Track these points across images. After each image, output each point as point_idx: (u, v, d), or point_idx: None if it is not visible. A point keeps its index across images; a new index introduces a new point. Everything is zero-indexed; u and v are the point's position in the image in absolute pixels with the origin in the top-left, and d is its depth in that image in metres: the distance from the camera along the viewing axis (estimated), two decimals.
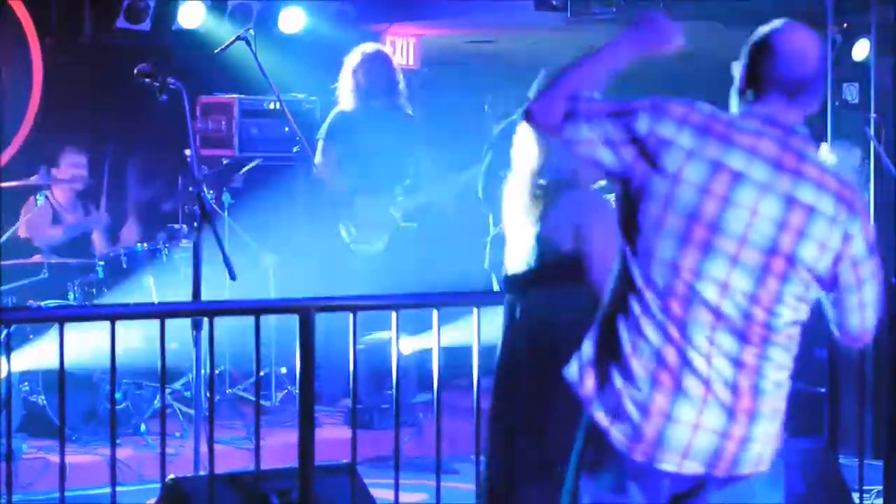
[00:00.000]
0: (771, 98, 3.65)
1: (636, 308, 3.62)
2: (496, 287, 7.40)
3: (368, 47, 8.92)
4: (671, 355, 3.60)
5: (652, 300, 3.60)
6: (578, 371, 3.69)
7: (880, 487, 6.47)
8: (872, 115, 8.55)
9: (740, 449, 3.64)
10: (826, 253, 3.60)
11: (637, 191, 3.61)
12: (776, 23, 3.70)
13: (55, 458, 6.58)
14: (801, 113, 3.68)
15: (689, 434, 3.60)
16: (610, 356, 3.65)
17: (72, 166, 8.71)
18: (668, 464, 3.61)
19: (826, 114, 8.79)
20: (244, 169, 8.81)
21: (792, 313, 3.63)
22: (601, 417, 3.64)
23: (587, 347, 3.70)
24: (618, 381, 3.63)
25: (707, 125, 3.61)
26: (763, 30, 3.70)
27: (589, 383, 3.67)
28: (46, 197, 8.50)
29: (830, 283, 3.65)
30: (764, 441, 3.68)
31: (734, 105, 3.74)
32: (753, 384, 3.63)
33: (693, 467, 3.62)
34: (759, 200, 3.56)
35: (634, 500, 3.67)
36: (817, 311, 3.76)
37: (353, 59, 8.79)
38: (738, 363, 3.61)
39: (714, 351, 3.59)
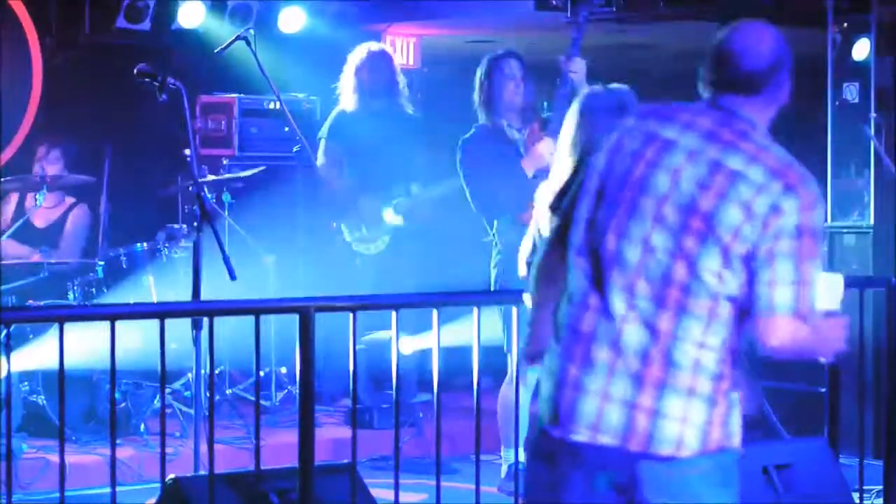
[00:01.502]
0: (726, 96, 3.72)
1: (567, 281, 3.70)
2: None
3: (371, 46, 8.91)
4: (588, 322, 3.64)
5: (579, 269, 3.69)
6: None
7: (880, 487, 6.47)
8: (872, 115, 8.55)
9: (651, 423, 3.57)
10: (750, 219, 3.55)
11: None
12: (733, 24, 3.77)
13: (55, 458, 6.57)
14: (764, 107, 3.74)
15: (598, 404, 3.60)
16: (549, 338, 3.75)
17: (50, 163, 8.69)
18: (582, 435, 3.61)
19: (826, 114, 8.79)
20: (245, 173, 8.79)
21: (714, 281, 3.57)
22: (531, 397, 3.75)
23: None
24: (545, 358, 3.72)
25: (653, 109, 3.78)
26: (719, 32, 3.78)
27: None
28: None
29: (749, 256, 3.56)
30: (681, 421, 3.58)
31: None
32: (665, 354, 3.58)
33: (606, 440, 3.60)
34: (685, 163, 3.62)
35: (564, 479, 3.67)
36: None
37: (355, 58, 8.79)
38: (652, 329, 3.59)
39: (631, 316, 3.60)
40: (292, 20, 9.88)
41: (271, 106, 9.38)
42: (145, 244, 8.43)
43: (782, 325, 3.57)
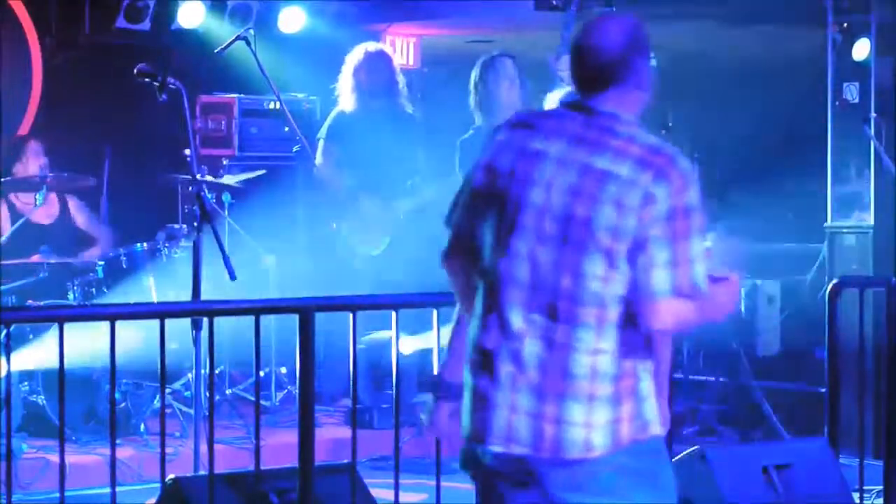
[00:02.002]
0: (587, 95, 3.76)
1: (476, 303, 3.79)
2: None
3: (370, 47, 8.92)
4: (491, 339, 3.72)
5: (482, 286, 3.77)
6: None
7: (880, 487, 6.47)
8: (872, 114, 8.55)
9: (557, 431, 3.64)
10: (625, 215, 3.59)
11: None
12: (589, 20, 3.83)
13: (55, 458, 6.57)
14: (625, 98, 3.74)
15: (507, 416, 3.68)
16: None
17: (36, 156, 8.68)
18: (497, 446, 3.70)
19: (826, 114, 8.80)
20: (243, 176, 8.79)
21: (600, 286, 3.61)
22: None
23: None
24: (464, 376, 3.81)
25: (521, 119, 3.83)
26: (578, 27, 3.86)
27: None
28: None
29: (633, 248, 3.60)
30: (585, 426, 3.63)
31: None
32: (562, 365, 3.64)
33: (518, 450, 3.68)
34: (555, 173, 3.67)
35: (490, 489, 3.80)
36: (816, 314, 3.75)
37: (354, 58, 8.79)
38: (549, 342, 3.65)
39: (528, 331, 3.66)
40: (292, 20, 9.88)
41: (271, 106, 9.38)
42: (145, 244, 8.43)
43: (663, 307, 3.62)
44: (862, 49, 8.69)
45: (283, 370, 8.93)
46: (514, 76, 7.51)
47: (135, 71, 6.84)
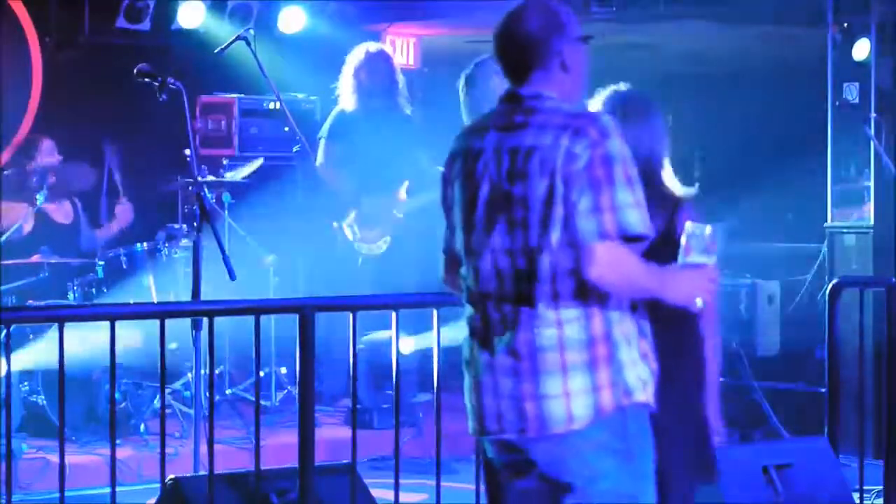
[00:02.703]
0: (513, 84, 3.90)
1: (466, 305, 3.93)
2: None
3: (370, 47, 8.91)
4: (474, 334, 3.85)
5: (467, 290, 3.90)
6: None
7: (880, 487, 6.47)
8: (873, 114, 8.55)
9: (538, 407, 3.73)
10: (554, 180, 3.68)
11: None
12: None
13: (55, 458, 6.57)
14: (550, 79, 3.83)
15: (494, 402, 3.80)
16: None
17: (47, 153, 8.69)
18: (491, 433, 3.82)
19: (826, 114, 8.79)
20: (246, 172, 8.78)
21: (548, 258, 3.69)
22: None
23: None
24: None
25: (470, 125, 4.04)
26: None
27: None
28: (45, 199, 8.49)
29: (567, 208, 3.68)
30: (564, 396, 3.71)
31: None
32: (529, 343, 3.73)
33: (509, 434, 3.79)
34: (493, 165, 3.79)
35: (492, 474, 3.92)
36: (815, 314, 3.78)
37: (354, 58, 8.79)
38: (514, 325, 3.75)
39: (499, 319, 3.78)
40: (292, 20, 9.87)
41: (271, 106, 9.38)
42: (145, 244, 8.43)
43: (594, 253, 3.66)
44: (862, 49, 8.69)
45: (283, 370, 8.93)
46: (500, 71, 7.52)
47: (135, 71, 6.84)
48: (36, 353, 7.48)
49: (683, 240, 3.86)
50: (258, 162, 8.72)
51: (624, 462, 3.77)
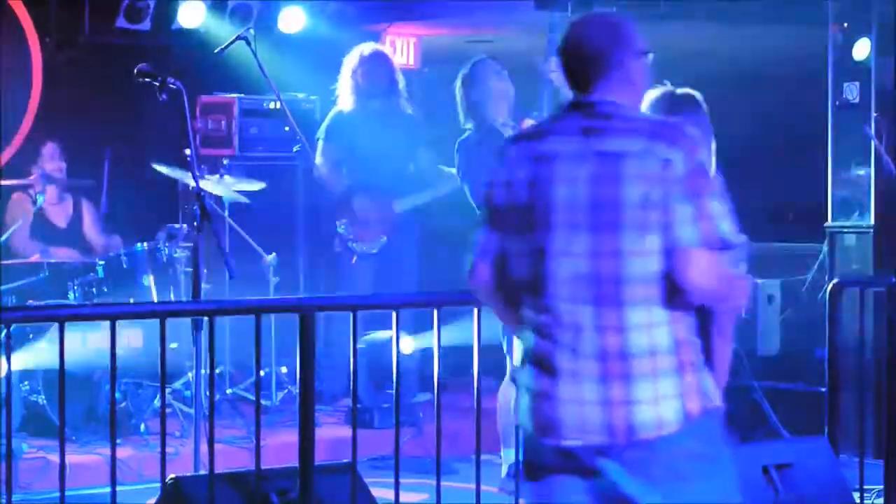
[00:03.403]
0: (581, 92, 3.87)
1: (524, 307, 3.87)
2: None
3: (368, 48, 8.92)
4: (547, 340, 3.80)
5: (527, 294, 3.85)
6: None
7: (880, 487, 6.47)
8: (873, 114, 8.55)
9: (629, 413, 3.72)
10: (649, 185, 3.71)
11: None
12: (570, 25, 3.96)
13: (55, 458, 6.57)
14: (619, 89, 3.86)
15: (577, 410, 3.76)
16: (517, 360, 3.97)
17: (49, 158, 8.70)
18: (572, 440, 3.77)
19: (826, 114, 8.79)
20: (244, 188, 8.75)
21: (639, 262, 3.72)
22: (517, 415, 3.90)
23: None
24: (521, 378, 3.89)
25: (528, 131, 4.02)
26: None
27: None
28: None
29: (662, 214, 3.71)
30: (654, 402, 3.72)
31: None
32: (619, 348, 3.73)
33: (594, 439, 3.75)
34: (573, 168, 3.78)
35: (562, 486, 3.83)
36: (816, 314, 3.80)
37: (352, 59, 8.79)
38: (601, 329, 3.74)
39: (580, 323, 3.76)
40: (292, 20, 9.87)
41: (271, 106, 9.37)
42: (145, 244, 8.43)
43: (696, 259, 3.71)
44: (862, 49, 8.68)
45: (284, 370, 8.93)
46: (501, 69, 7.53)
47: (135, 71, 6.84)
48: (37, 353, 7.49)
49: None
50: (259, 185, 8.71)
51: (711, 466, 3.80)
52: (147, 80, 6.76)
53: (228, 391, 8.60)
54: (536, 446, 3.85)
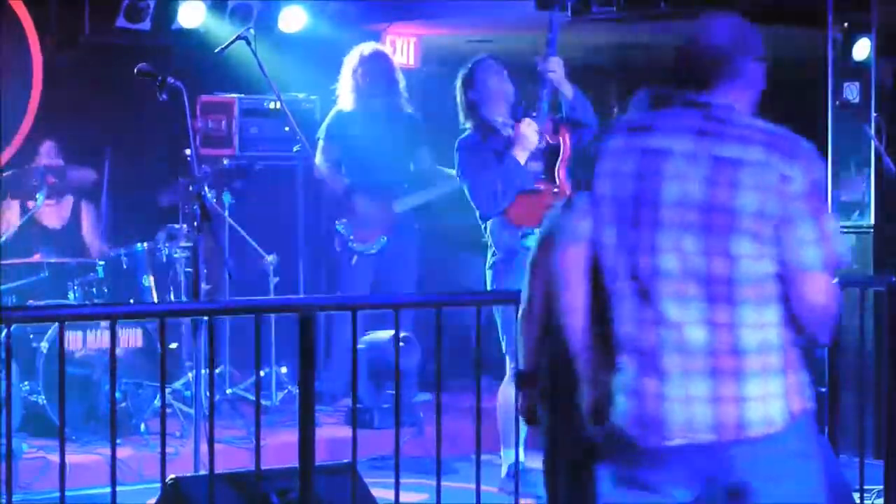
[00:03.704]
0: (697, 92, 3.86)
1: (612, 306, 3.82)
2: None
3: (368, 47, 8.92)
4: (649, 337, 3.77)
5: (623, 290, 3.81)
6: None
7: (880, 487, 6.47)
8: (873, 115, 8.55)
9: (738, 411, 3.73)
10: (767, 197, 3.71)
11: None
12: (698, 19, 3.96)
13: (55, 458, 6.57)
14: (736, 93, 3.87)
15: (684, 408, 3.74)
16: (598, 359, 3.86)
17: (46, 155, 8.70)
18: (677, 440, 3.75)
19: (826, 114, 8.79)
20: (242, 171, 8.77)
21: (753, 265, 3.73)
22: (611, 415, 3.82)
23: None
24: (608, 377, 3.81)
25: (631, 123, 3.95)
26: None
27: (584, 391, 3.90)
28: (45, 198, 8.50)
29: (777, 227, 3.72)
30: (763, 400, 3.74)
31: None
32: (731, 344, 3.74)
33: (702, 437, 3.74)
34: (687, 167, 3.77)
35: (658, 487, 3.83)
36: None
37: (352, 58, 8.80)
38: (711, 326, 3.74)
39: (687, 319, 3.74)
40: (292, 20, 9.87)
41: (271, 106, 9.37)
42: (145, 244, 8.43)
43: (821, 281, 3.76)
44: (862, 49, 8.68)
45: (284, 370, 8.93)
46: (500, 68, 7.53)
47: (135, 70, 6.84)
48: None
49: None
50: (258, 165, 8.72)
51: (807, 467, 3.86)
52: (147, 79, 6.77)
53: (228, 391, 8.60)
54: (629, 449, 3.81)
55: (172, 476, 5.48)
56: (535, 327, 4.57)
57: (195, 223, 6.70)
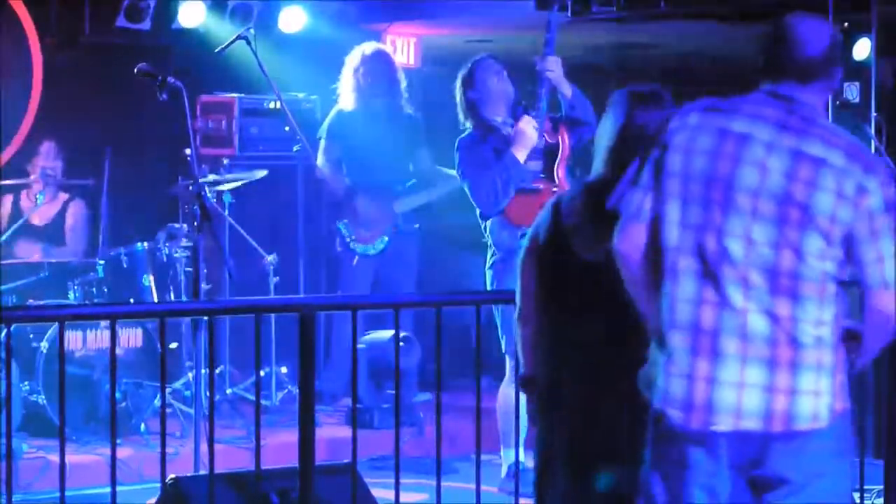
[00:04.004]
0: (785, 83, 3.89)
1: (670, 283, 3.84)
2: None
3: (370, 47, 8.91)
4: (708, 318, 3.80)
5: (685, 268, 3.83)
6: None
7: (880, 487, 6.47)
8: (873, 114, 8.55)
9: (790, 402, 3.78)
10: (842, 203, 3.76)
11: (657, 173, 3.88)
12: (792, 14, 3.96)
13: (55, 458, 6.57)
14: (819, 94, 3.92)
15: (736, 393, 3.78)
16: (654, 338, 3.89)
17: (45, 156, 8.71)
18: (724, 425, 3.78)
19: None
20: (245, 177, 8.75)
21: (818, 263, 3.78)
22: (654, 398, 3.86)
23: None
24: (661, 358, 3.85)
25: (712, 104, 3.92)
26: (779, 19, 3.96)
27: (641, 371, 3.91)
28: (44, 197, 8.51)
29: (848, 236, 3.78)
30: (815, 395, 3.79)
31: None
32: (790, 336, 3.78)
33: (749, 425, 3.78)
34: (766, 156, 3.79)
35: (700, 470, 3.83)
36: None
37: (354, 58, 8.79)
38: (773, 317, 3.77)
39: (749, 306, 3.78)
40: (292, 20, 9.87)
41: (271, 106, 9.37)
42: (145, 244, 8.43)
43: (886, 297, 3.82)
44: (862, 49, 8.68)
45: (284, 370, 8.93)
46: (501, 69, 7.53)
47: (135, 70, 6.84)
48: None
49: None
50: (261, 172, 8.70)
51: (843, 463, 3.92)
52: (147, 79, 6.77)
53: (228, 391, 8.60)
54: (671, 432, 3.83)
55: (172, 476, 5.47)
56: (530, 329, 4.57)
57: (195, 223, 6.70)
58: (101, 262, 8.28)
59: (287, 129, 8.88)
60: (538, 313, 4.57)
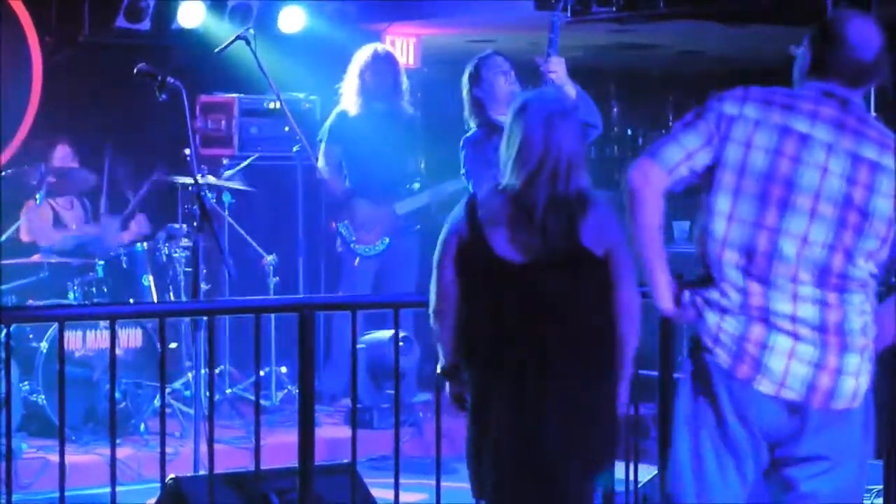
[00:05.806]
0: (839, 85, 3.95)
1: (723, 269, 3.91)
2: None
3: (379, 49, 8.89)
4: (758, 301, 3.88)
5: (732, 259, 3.90)
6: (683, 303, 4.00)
7: (880, 487, 6.47)
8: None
9: (834, 381, 3.91)
10: (894, 204, 3.86)
11: (713, 163, 3.93)
12: (840, 12, 4.11)
13: (55, 458, 6.57)
14: (864, 94, 4.01)
15: (785, 362, 3.88)
16: (707, 299, 3.95)
17: (61, 160, 8.71)
18: (766, 387, 3.89)
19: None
20: (241, 165, 8.76)
21: (865, 264, 3.89)
22: (706, 340, 3.94)
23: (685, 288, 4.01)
24: (715, 317, 3.93)
25: (768, 97, 3.95)
26: (829, 18, 4.02)
27: (691, 313, 3.97)
28: (45, 197, 8.50)
29: None
30: (856, 376, 3.93)
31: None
32: (838, 323, 3.89)
33: (790, 395, 3.90)
34: (827, 158, 3.85)
35: (729, 410, 3.92)
36: None
37: (360, 59, 8.76)
38: (823, 305, 3.88)
39: (800, 296, 3.88)
40: (292, 20, 9.87)
41: (271, 106, 9.38)
42: (145, 244, 8.44)
43: None
44: None
45: (284, 370, 8.94)
46: (508, 69, 7.52)
47: (135, 70, 6.84)
48: None
49: None
50: (251, 158, 8.71)
51: (868, 442, 4.10)
52: (147, 79, 6.77)
53: (228, 391, 8.60)
54: (725, 374, 3.90)
55: (172, 476, 5.48)
56: (450, 323, 4.72)
57: (195, 223, 6.70)
58: (101, 262, 8.28)
59: (287, 129, 8.88)
60: (455, 310, 4.75)
